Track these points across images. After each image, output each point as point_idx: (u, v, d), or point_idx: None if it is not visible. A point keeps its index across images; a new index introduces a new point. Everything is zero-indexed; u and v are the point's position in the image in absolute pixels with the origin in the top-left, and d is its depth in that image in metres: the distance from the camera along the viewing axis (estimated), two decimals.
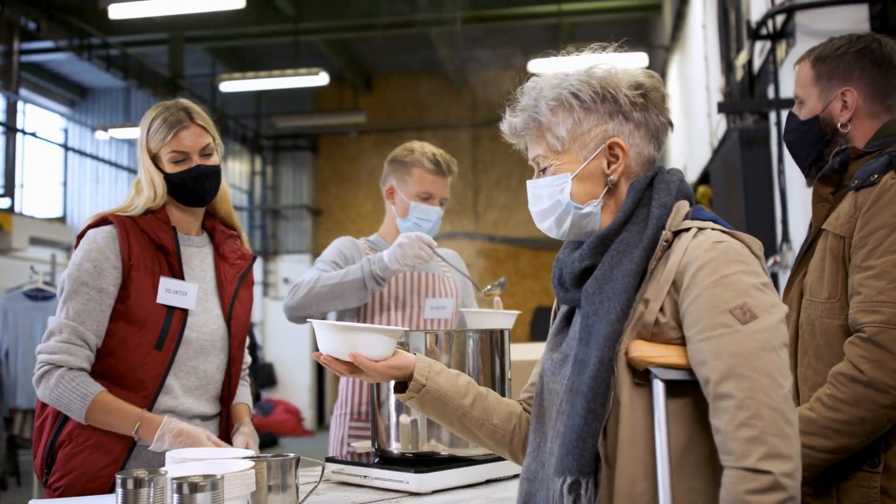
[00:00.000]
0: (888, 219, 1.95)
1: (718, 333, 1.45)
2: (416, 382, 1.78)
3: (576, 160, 1.68)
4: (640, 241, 1.58)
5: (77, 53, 11.99)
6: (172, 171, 2.36)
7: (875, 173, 2.02)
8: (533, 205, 1.75)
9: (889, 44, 2.23)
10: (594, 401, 1.51)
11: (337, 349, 1.78)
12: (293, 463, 1.93)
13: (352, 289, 2.76)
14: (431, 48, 13.80)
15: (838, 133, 2.22)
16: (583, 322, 1.58)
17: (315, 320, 1.80)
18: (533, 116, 1.69)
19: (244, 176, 17.02)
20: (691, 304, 1.49)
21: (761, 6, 5.51)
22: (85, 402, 2.20)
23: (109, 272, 2.28)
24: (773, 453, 1.38)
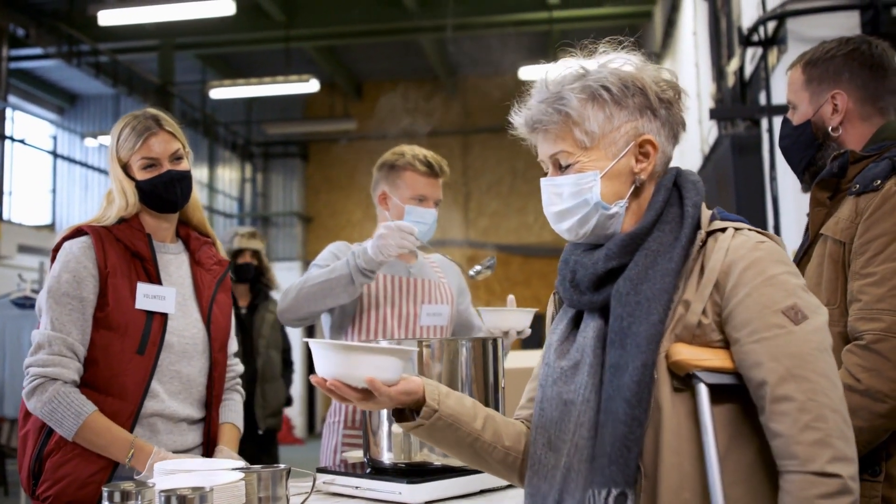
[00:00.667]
0: (890, 226, 1.93)
1: (773, 334, 1.42)
2: (428, 408, 1.58)
3: (605, 157, 1.57)
4: (676, 241, 1.52)
5: (66, 60, 11.96)
6: (143, 178, 2.37)
7: (878, 178, 2.00)
8: (551, 204, 1.62)
9: (880, 45, 2.22)
10: (638, 406, 1.44)
11: (346, 372, 1.54)
12: (283, 474, 1.90)
13: (340, 284, 2.71)
14: (422, 55, 13.81)
15: (829, 137, 2.20)
16: (615, 325, 1.50)
17: (313, 340, 1.57)
18: (559, 108, 1.57)
19: (234, 183, 16.98)
20: (739, 305, 1.45)
21: (753, 13, 5.52)
22: (78, 420, 2.20)
23: (88, 281, 2.28)
24: (840, 456, 1.36)
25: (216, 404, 2.47)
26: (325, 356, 1.55)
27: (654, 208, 1.56)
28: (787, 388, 1.39)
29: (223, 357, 2.50)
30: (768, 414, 1.40)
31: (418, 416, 1.59)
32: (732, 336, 1.46)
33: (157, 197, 2.38)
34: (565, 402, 1.56)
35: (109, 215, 2.39)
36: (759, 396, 1.41)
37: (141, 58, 13.53)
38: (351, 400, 1.56)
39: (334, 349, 1.54)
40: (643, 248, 1.53)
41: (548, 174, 1.64)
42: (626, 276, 1.52)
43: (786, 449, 1.37)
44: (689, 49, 9.04)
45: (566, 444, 1.54)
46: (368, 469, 2.32)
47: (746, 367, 1.43)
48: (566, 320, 1.66)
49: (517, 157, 15.39)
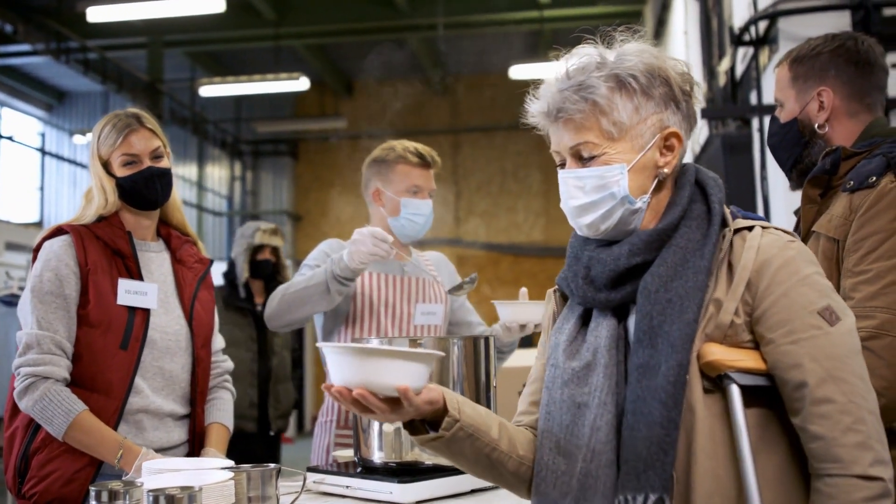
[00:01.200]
0: (885, 224, 1.93)
1: (810, 335, 1.41)
2: (450, 418, 1.48)
3: (631, 150, 1.51)
4: (706, 238, 1.49)
5: (55, 57, 11.88)
6: (123, 175, 2.38)
7: (873, 175, 1.99)
8: (572, 198, 1.54)
9: (866, 41, 2.21)
10: (674, 408, 1.39)
11: (372, 380, 1.38)
12: (273, 473, 1.88)
13: (317, 293, 2.68)
14: (413, 54, 13.78)
15: (816, 134, 2.20)
16: (643, 323, 1.45)
17: (329, 344, 1.43)
18: (586, 96, 1.49)
19: (223, 181, 16.92)
20: (774, 305, 1.43)
21: (744, 12, 5.52)
22: (68, 417, 2.20)
23: (70, 279, 2.29)
24: (880, 459, 1.35)
25: (201, 401, 2.48)
26: (345, 362, 1.39)
27: (681, 204, 1.53)
28: (827, 390, 1.37)
29: (206, 353, 2.51)
30: (807, 416, 1.38)
31: (439, 428, 1.48)
32: (766, 336, 1.43)
33: (137, 194, 2.39)
34: (578, 404, 1.50)
35: (88, 214, 2.39)
36: (796, 398, 1.40)
37: (130, 55, 13.46)
38: (375, 412, 1.41)
39: (358, 354, 1.38)
40: (671, 245, 1.49)
41: (564, 166, 1.57)
42: (654, 273, 1.47)
43: (827, 452, 1.36)
44: (680, 48, 9.05)
45: (580, 449, 1.47)
46: (359, 468, 2.30)
47: (783, 368, 1.41)
48: (574, 319, 1.60)
49: (507, 157, 15.39)
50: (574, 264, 1.58)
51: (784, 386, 1.42)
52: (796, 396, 1.40)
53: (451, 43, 12.92)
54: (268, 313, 2.80)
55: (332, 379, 1.42)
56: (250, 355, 4.96)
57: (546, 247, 15.03)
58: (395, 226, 2.94)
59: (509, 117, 14.70)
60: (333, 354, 1.40)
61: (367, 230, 2.62)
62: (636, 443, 1.41)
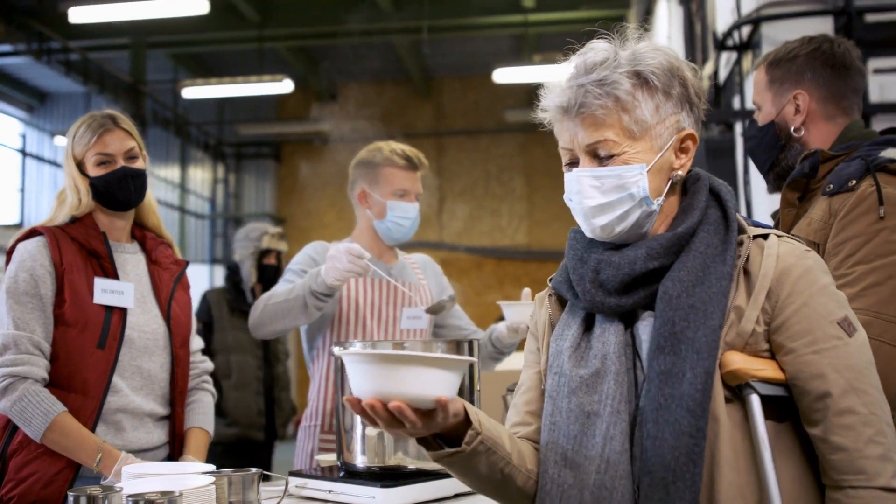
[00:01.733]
0: (865, 227, 1.93)
1: (832, 346, 1.40)
2: (473, 431, 1.40)
3: (650, 150, 1.47)
4: (726, 244, 1.45)
5: (36, 57, 11.79)
6: (97, 174, 2.37)
7: (853, 178, 2.00)
8: (588, 197, 1.47)
9: (843, 44, 2.22)
10: (702, 417, 1.34)
11: (416, 391, 1.26)
12: (255, 478, 1.87)
13: (296, 307, 2.65)
14: (396, 57, 13.77)
15: (792, 138, 2.20)
16: (663, 329, 1.40)
17: (356, 351, 1.30)
18: (609, 91, 1.44)
19: (206, 184, 16.85)
20: (795, 314, 1.41)
21: (727, 17, 5.54)
22: (46, 419, 2.19)
23: (45, 279, 2.29)
24: None
25: (181, 401, 2.47)
26: (379, 372, 1.25)
27: (699, 208, 1.49)
28: (850, 401, 1.37)
29: (185, 353, 2.50)
30: (829, 427, 1.37)
31: (453, 441, 1.39)
32: (787, 346, 1.41)
33: (111, 194, 2.38)
34: (587, 413, 1.44)
35: (61, 215, 2.39)
36: (817, 409, 1.38)
37: (112, 56, 13.38)
38: (405, 426, 1.29)
39: (396, 362, 1.25)
40: (689, 250, 1.45)
41: (574, 164, 1.51)
42: (675, 278, 1.42)
43: (851, 463, 1.35)
44: None
45: (592, 460, 1.41)
46: (342, 473, 2.29)
47: (805, 378, 1.39)
48: (576, 325, 1.53)
49: (491, 160, 15.40)
50: (579, 267, 1.52)
51: (805, 396, 1.40)
52: (818, 407, 1.38)
53: (435, 46, 12.91)
54: (251, 323, 2.78)
55: (359, 390, 1.29)
56: (256, 361, 4.91)
57: (529, 250, 15.05)
58: (382, 228, 2.92)
59: (493, 120, 14.75)
60: (362, 363, 1.27)
61: (343, 246, 2.57)
62: (662, 452, 1.35)
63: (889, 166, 2.02)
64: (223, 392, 4.70)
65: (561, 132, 1.51)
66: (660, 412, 1.37)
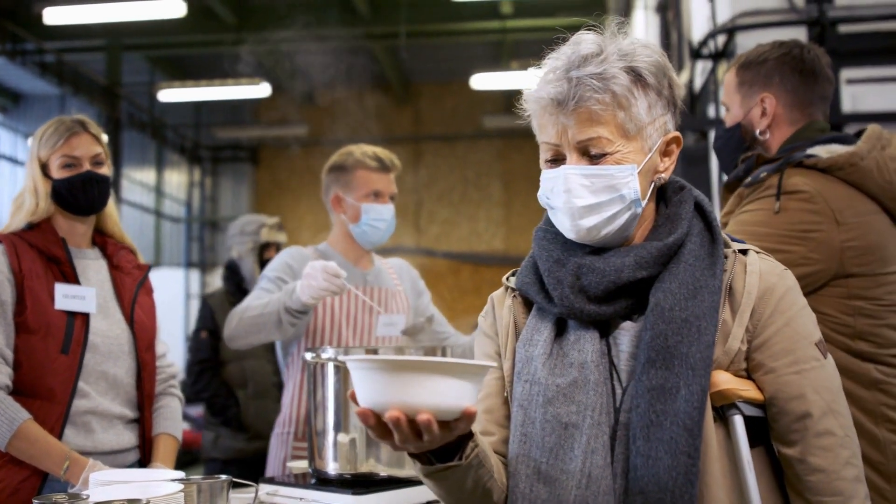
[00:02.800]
0: (756, 206, 2.04)
1: (811, 367, 1.38)
2: (473, 443, 1.32)
3: (640, 151, 1.40)
4: (713, 258, 1.40)
5: (10, 58, 11.68)
6: (62, 177, 2.36)
7: (765, 171, 2.07)
8: (577, 196, 1.38)
9: (813, 51, 2.24)
10: (699, 436, 1.29)
11: (447, 402, 1.15)
12: (225, 485, 1.85)
13: (271, 321, 2.61)
14: (375, 62, 13.76)
15: (757, 140, 2.23)
16: (655, 342, 1.34)
17: (361, 358, 1.18)
18: (607, 86, 1.35)
19: (182, 187, 16.76)
20: (777, 333, 1.38)
21: (703, 26, 5.58)
22: (11, 427, 2.16)
23: (4, 286, 2.26)
24: (867, 493, 1.37)
25: (148, 405, 2.45)
26: (405, 381, 1.13)
27: (686, 218, 1.43)
28: (828, 423, 1.36)
29: (151, 357, 2.48)
30: (808, 448, 1.35)
31: (452, 454, 1.29)
32: (767, 365, 1.38)
33: (73, 197, 2.36)
34: (565, 425, 1.36)
35: (18, 220, 2.37)
36: (796, 430, 1.36)
37: (88, 58, 13.29)
38: (424, 441, 1.19)
39: (427, 370, 1.13)
40: (679, 261, 1.39)
41: (557, 161, 1.43)
42: (665, 290, 1.36)
43: (829, 485, 1.34)
44: None
45: (571, 475, 1.33)
46: (313, 480, 2.27)
47: (785, 398, 1.37)
48: (547, 330, 1.44)
49: (468, 166, 15.42)
50: (556, 270, 1.42)
51: (783, 416, 1.37)
52: (796, 428, 1.36)
53: (413, 52, 12.92)
54: (227, 334, 2.73)
55: (373, 401, 1.17)
56: (271, 366, 4.46)
57: (506, 256, 15.06)
58: (357, 232, 2.90)
59: (471, 126, 14.76)
60: (379, 372, 1.14)
61: (319, 264, 2.52)
62: (657, 472, 1.29)
63: (805, 161, 2.07)
64: (241, 403, 4.41)
65: (546, 126, 1.42)
66: (651, 429, 1.30)
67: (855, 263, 2.01)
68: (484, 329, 1.58)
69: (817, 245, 1.99)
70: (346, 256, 2.94)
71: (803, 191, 2.02)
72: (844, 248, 2.00)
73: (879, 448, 1.97)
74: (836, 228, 2.00)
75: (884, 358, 2.01)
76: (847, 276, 2.00)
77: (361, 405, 1.20)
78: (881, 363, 2.00)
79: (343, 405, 2.22)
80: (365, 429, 2.10)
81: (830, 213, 2.01)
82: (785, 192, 2.03)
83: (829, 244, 2.00)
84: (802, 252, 1.99)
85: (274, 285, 2.78)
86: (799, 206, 2.02)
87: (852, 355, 1.99)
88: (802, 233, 2.00)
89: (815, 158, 2.07)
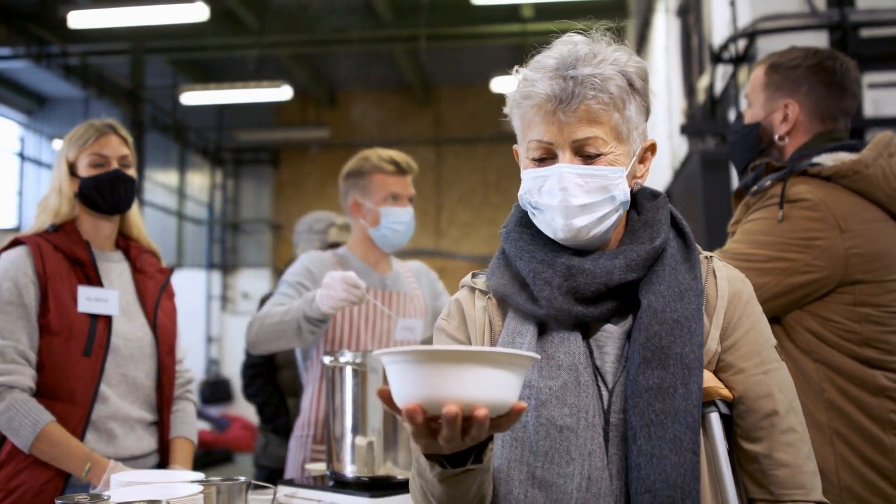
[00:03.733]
0: (760, 214, 2.06)
1: (774, 368, 1.45)
2: (491, 443, 1.32)
3: (627, 154, 1.43)
4: (692, 262, 1.46)
5: (35, 61, 11.81)
6: (89, 175, 2.39)
7: (770, 180, 2.08)
8: (573, 196, 1.39)
9: (846, 63, 2.23)
10: (699, 433, 1.34)
11: (503, 395, 1.10)
12: (243, 487, 1.88)
13: (291, 330, 2.63)
14: (396, 65, 13.80)
15: (774, 144, 2.23)
16: (649, 343, 1.36)
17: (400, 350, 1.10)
18: (606, 86, 1.37)
19: (204, 189, 16.86)
20: (745, 336, 1.45)
21: (724, 30, 5.56)
22: (35, 428, 2.19)
23: (29, 288, 2.29)
24: (821, 485, 1.43)
25: (167, 408, 2.48)
26: (456, 372, 1.06)
27: (665, 223, 1.49)
28: (791, 420, 1.43)
29: (171, 361, 2.51)
30: (775, 444, 1.41)
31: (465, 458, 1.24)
32: (738, 365, 1.44)
33: (100, 195, 2.39)
34: (560, 428, 1.34)
35: (43, 221, 2.41)
36: (763, 427, 1.42)
37: (111, 61, 13.40)
38: (473, 435, 1.13)
39: (482, 361, 1.07)
40: (662, 264, 1.43)
41: (546, 160, 1.43)
42: (655, 292, 1.40)
43: (793, 479, 1.40)
44: (661, 65, 9.11)
45: (570, 478, 1.32)
46: (331, 482, 2.29)
47: (753, 397, 1.43)
48: (529, 332, 1.43)
49: (489, 169, 15.42)
50: (543, 271, 1.42)
51: (751, 414, 1.43)
52: (764, 425, 1.42)
53: (433, 55, 12.94)
54: (247, 339, 2.76)
55: (423, 394, 1.09)
56: None
57: None
58: (377, 236, 2.92)
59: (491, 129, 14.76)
60: (430, 364, 1.07)
61: (339, 275, 2.54)
62: (664, 469, 1.30)
63: (809, 170, 2.08)
64: (291, 412, 4.23)
65: (538, 123, 1.42)
66: (652, 428, 1.32)
67: (861, 270, 2.01)
68: (449, 332, 1.53)
69: (821, 252, 2.00)
70: (365, 261, 2.96)
71: (806, 199, 2.04)
72: (849, 255, 2.01)
73: (887, 455, 1.97)
74: (840, 236, 2.01)
75: (891, 364, 2.01)
76: (853, 282, 2.01)
77: (405, 402, 1.12)
78: (888, 370, 2.01)
79: (360, 408, 2.24)
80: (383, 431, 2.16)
81: (834, 220, 2.02)
82: (788, 201, 2.04)
83: (834, 251, 2.00)
84: (806, 260, 2.00)
85: (294, 291, 2.80)
86: (802, 215, 2.03)
87: (859, 362, 2.00)
88: (806, 241, 2.01)
89: (820, 167, 2.08)
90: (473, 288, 1.55)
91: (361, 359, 2.25)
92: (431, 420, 1.13)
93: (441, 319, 1.56)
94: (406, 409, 1.11)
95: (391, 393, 1.14)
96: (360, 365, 2.24)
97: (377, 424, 2.22)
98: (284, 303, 2.74)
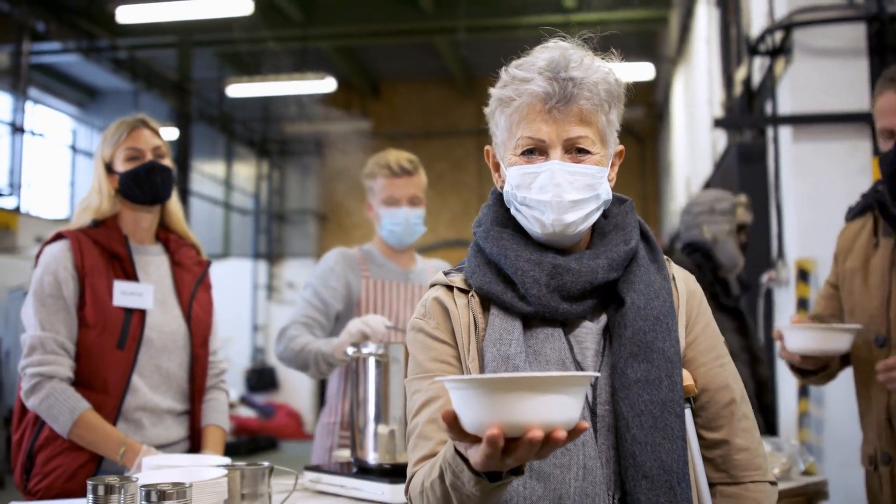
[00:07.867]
0: None
1: (726, 361, 1.58)
2: None
3: (606, 157, 1.49)
4: (657, 262, 1.55)
5: (85, 55, 12.05)
6: (126, 169, 2.47)
7: (852, 213, 2.10)
8: (566, 191, 1.44)
9: None
10: (685, 422, 1.45)
11: (566, 416, 1.10)
12: (266, 472, 1.96)
13: (309, 360, 2.81)
14: (438, 55, 13.84)
15: None
16: (634, 338, 1.42)
17: (484, 377, 1.10)
18: (596, 89, 1.44)
19: (250, 180, 17.07)
20: (703, 332, 1.57)
21: (761, 22, 5.53)
22: (73, 415, 2.28)
23: (68, 282, 2.38)
24: None
25: (199, 398, 2.56)
26: (539, 399, 1.08)
27: (635, 226, 1.55)
28: (745, 408, 1.56)
29: (204, 352, 2.59)
30: (734, 430, 1.54)
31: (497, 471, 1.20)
32: (699, 359, 1.56)
33: (139, 187, 2.46)
34: None
35: (85, 218, 2.48)
36: (724, 415, 1.54)
37: (159, 54, 13.62)
38: (543, 453, 1.12)
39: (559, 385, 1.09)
40: (637, 265, 1.50)
41: (533, 153, 1.47)
42: (636, 290, 1.46)
43: (752, 461, 1.54)
44: (703, 56, 9.04)
45: (568, 469, 1.37)
46: (354, 469, 2.37)
47: (715, 388, 1.54)
48: (516, 329, 1.45)
49: None
50: (531, 269, 1.45)
51: (713, 405, 1.55)
52: (724, 413, 1.54)
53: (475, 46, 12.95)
54: (276, 353, 2.93)
55: (505, 419, 1.08)
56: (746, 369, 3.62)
57: None
58: (383, 235, 3.07)
59: None
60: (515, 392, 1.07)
61: (362, 328, 2.69)
62: (660, 456, 1.38)
63: None
64: None
65: (530, 120, 1.46)
66: (643, 417, 1.39)
67: None
68: (431, 333, 1.52)
69: None
70: (388, 256, 3.07)
71: None
72: None
73: None
74: None
75: None
76: None
77: (483, 427, 1.10)
78: None
79: (383, 398, 2.31)
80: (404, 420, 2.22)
81: None
82: None
83: None
84: None
85: (315, 299, 2.95)
86: None
87: None
88: None
89: None
90: (450, 286, 1.55)
91: (384, 350, 2.32)
92: None
93: (416, 319, 1.55)
94: (490, 436, 1.08)
95: (457, 416, 1.13)
96: (383, 356, 2.32)
97: (398, 413, 2.29)
98: (307, 311, 2.92)
